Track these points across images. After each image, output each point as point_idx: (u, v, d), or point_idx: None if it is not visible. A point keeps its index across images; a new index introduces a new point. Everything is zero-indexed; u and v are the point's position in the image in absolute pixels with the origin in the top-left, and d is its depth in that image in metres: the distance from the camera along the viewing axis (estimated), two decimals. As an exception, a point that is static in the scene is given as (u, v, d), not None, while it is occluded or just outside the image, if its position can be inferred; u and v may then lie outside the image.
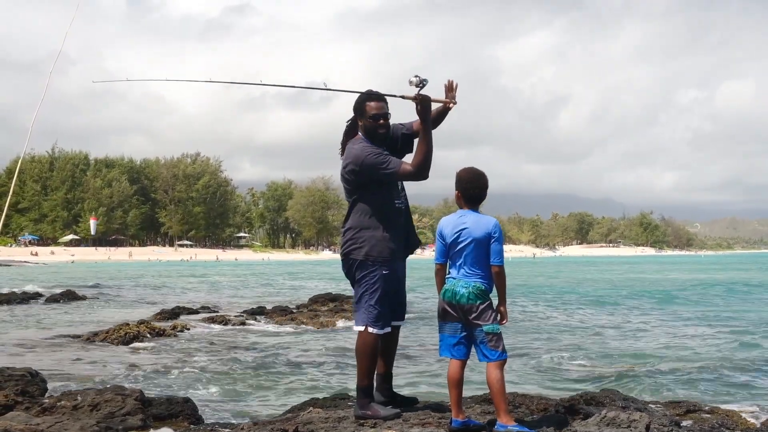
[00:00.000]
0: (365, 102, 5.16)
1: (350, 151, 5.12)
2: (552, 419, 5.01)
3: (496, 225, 4.72)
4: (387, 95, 5.15)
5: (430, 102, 5.03)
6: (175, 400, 6.78)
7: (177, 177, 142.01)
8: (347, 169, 5.11)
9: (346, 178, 5.16)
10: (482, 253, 4.69)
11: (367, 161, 5.01)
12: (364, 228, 5.09)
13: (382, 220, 5.10)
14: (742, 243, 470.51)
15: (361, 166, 5.04)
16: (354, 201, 5.16)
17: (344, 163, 5.15)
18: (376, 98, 5.16)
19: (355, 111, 5.22)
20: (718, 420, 5.76)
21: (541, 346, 12.74)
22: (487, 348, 4.62)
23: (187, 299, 25.48)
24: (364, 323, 5.05)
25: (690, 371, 10.12)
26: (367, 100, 5.16)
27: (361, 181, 5.09)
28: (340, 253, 5.24)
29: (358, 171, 5.05)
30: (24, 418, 5.57)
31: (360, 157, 5.04)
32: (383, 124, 5.16)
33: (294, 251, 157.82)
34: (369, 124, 5.13)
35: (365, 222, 5.09)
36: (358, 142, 5.14)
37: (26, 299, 23.00)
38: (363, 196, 5.12)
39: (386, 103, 5.19)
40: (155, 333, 14.04)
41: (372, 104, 5.14)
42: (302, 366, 10.70)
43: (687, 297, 26.92)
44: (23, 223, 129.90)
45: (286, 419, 5.29)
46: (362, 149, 5.05)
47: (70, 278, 43.89)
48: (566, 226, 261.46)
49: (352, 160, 5.07)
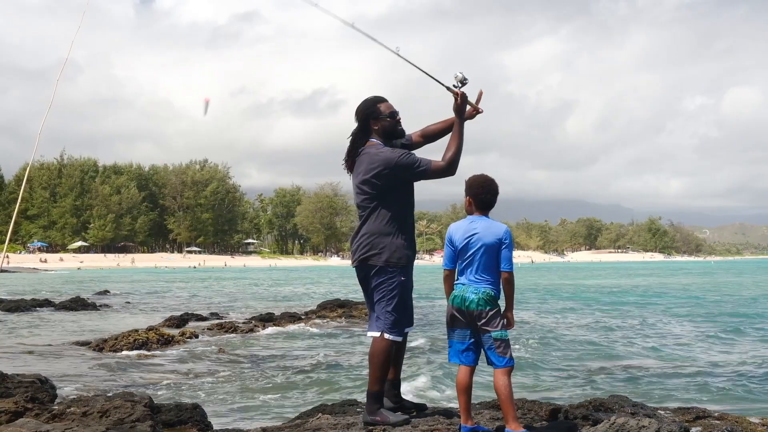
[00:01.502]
0: (376, 104, 5.25)
1: (376, 156, 5.07)
2: (561, 425, 5.01)
3: (507, 231, 4.72)
4: (435, 79, 5.22)
5: (467, 101, 5.17)
6: (184, 406, 6.78)
7: (185, 183, 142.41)
8: (376, 173, 5.04)
9: (372, 183, 5.07)
10: (492, 260, 4.69)
11: (400, 162, 5.02)
12: (383, 234, 5.05)
13: (401, 226, 5.11)
14: (751, 249, 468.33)
15: (393, 168, 5.03)
16: (374, 207, 5.08)
17: (369, 168, 5.07)
18: (384, 99, 5.31)
19: (367, 116, 5.23)
20: (728, 426, 5.73)
21: (548, 352, 12.71)
22: (495, 354, 4.61)
23: (195, 306, 25.52)
24: (380, 329, 5.02)
25: (699, 377, 10.09)
26: (378, 103, 5.26)
27: (389, 185, 5.06)
28: (356, 259, 5.14)
29: (388, 174, 5.03)
30: (34, 425, 5.59)
31: (392, 159, 5.03)
32: (399, 120, 5.30)
33: (302, 257, 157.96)
34: (388, 123, 5.23)
35: (384, 228, 5.06)
36: (379, 147, 5.14)
37: (36, 306, 23.06)
38: (384, 201, 5.08)
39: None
40: (164, 340, 14.06)
41: (384, 105, 5.26)
42: (311, 372, 10.70)
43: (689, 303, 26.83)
44: (32, 230, 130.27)
45: (295, 425, 5.29)
46: (392, 152, 5.08)
47: (79, 285, 44.02)
48: (575, 232, 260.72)
49: (381, 164, 5.03)
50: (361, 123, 5.26)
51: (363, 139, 5.23)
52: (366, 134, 5.24)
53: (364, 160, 5.13)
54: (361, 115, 5.26)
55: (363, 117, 5.25)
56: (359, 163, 5.16)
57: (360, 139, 5.24)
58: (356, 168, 5.20)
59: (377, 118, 5.23)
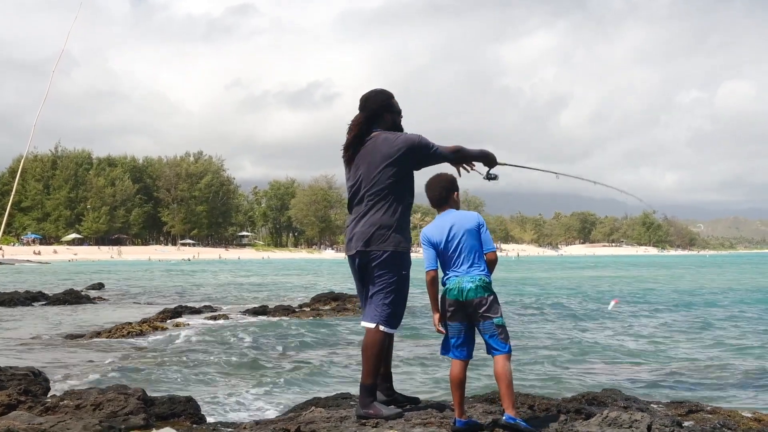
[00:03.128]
0: (391, 99, 5.33)
1: (396, 140, 5.08)
2: (554, 419, 5.02)
3: (479, 216, 4.86)
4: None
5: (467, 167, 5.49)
6: (178, 399, 6.78)
7: (179, 176, 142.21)
8: (401, 156, 5.04)
9: (395, 167, 5.04)
10: (477, 245, 4.75)
11: (422, 142, 5.12)
12: (387, 226, 5.02)
13: (403, 219, 5.12)
14: (745, 243, 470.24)
15: (416, 148, 5.10)
16: (384, 196, 5.04)
17: (391, 151, 5.04)
18: (394, 96, 5.40)
19: (383, 107, 5.24)
20: (720, 420, 5.75)
21: (539, 345, 12.75)
22: (498, 341, 4.62)
23: (189, 298, 25.50)
24: (376, 321, 5.01)
25: (692, 372, 10.12)
26: (392, 97, 5.35)
27: (408, 169, 5.13)
28: (357, 249, 5.07)
29: (410, 156, 5.08)
30: (27, 418, 5.58)
31: (414, 140, 5.11)
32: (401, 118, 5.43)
33: (296, 250, 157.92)
34: (398, 118, 5.34)
35: (388, 220, 5.03)
36: (389, 133, 5.18)
37: (29, 299, 23.00)
38: (396, 191, 5.07)
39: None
40: (158, 332, 14.05)
41: (395, 101, 5.36)
42: (304, 365, 10.71)
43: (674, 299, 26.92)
44: (26, 222, 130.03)
45: (289, 419, 5.30)
46: (410, 134, 5.17)
47: (72, 278, 43.94)
48: (569, 226, 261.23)
49: (404, 145, 5.06)
50: (372, 113, 5.20)
51: (369, 130, 5.19)
52: (373, 124, 5.20)
53: (382, 145, 5.08)
54: (373, 104, 5.23)
55: (377, 107, 5.22)
56: (373, 151, 5.09)
57: (366, 129, 5.19)
58: (365, 157, 5.12)
59: (390, 112, 5.26)
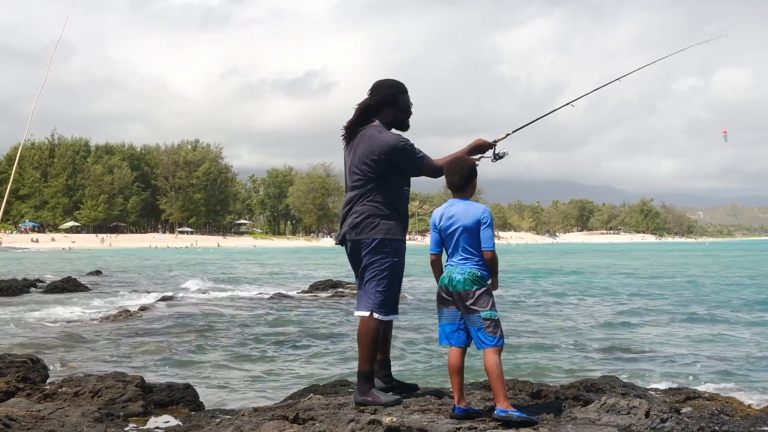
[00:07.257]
0: (401, 93, 5.25)
1: (379, 139, 5.03)
2: (552, 406, 5.02)
3: (486, 211, 4.71)
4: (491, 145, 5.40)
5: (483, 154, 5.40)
6: (176, 386, 6.80)
7: (177, 164, 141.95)
8: (376, 158, 5.00)
9: (370, 166, 5.03)
10: (474, 240, 4.69)
11: (404, 148, 5.04)
12: (376, 215, 5.03)
13: (395, 208, 5.11)
14: (743, 230, 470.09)
15: (395, 153, 5.02)
16: (370, 188, 5.05)
17: (370, 150, 5.02)
18: (407, 91, 5.30)
19: (385, 99, 5.19)
20: (718, 407, 5.76)
21: (538, 332, 12.77)
22: (485, 334, 4.61)
23: (186, 286, 25.49)
24: (369, 309, 5.02)
25: (690, 358, 10.15)
26: (403, 92, 5.26)
27: (386, 168, 5.04)
28: (349, 238, 5.10)
29: (385, 160, 5.00)
30: (25, 405, 5.58)
31: (396, 144, 5.02)
32: (409, 116, 5.34)
33: (294, 238, 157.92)
34: (402, 116, 5.26)
35: (378, 209, 5.04)
36: (382, 130, 5.10)
37: (27, 286, 22.96)
38: (381, 182, 5.05)
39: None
40: (155, 318, 14.04)
41: (406, 96, 5.28)
42: (302, 352, 10.73)
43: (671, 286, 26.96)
44: (24, 210, 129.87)
45: (287, 406, 5.30)
46: (396, 137, 5.08)
47: (70, 265, 43.92)
48: (567, 213, 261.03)
49: (383, 148, 5.00)
50: (376, 102, 5.18)
51: (369, 117, 5.17)
52: (374, 113, 5.18)
53: (366, 141, 5.07)
54: (377, 95, 5.19)
55: (378, 98, 5.19)
56: (359, 143, 5.11)
57: (367, 115, 5.17)
58: (354, 146, 5.14)
59: (394, 106, 5.21)
